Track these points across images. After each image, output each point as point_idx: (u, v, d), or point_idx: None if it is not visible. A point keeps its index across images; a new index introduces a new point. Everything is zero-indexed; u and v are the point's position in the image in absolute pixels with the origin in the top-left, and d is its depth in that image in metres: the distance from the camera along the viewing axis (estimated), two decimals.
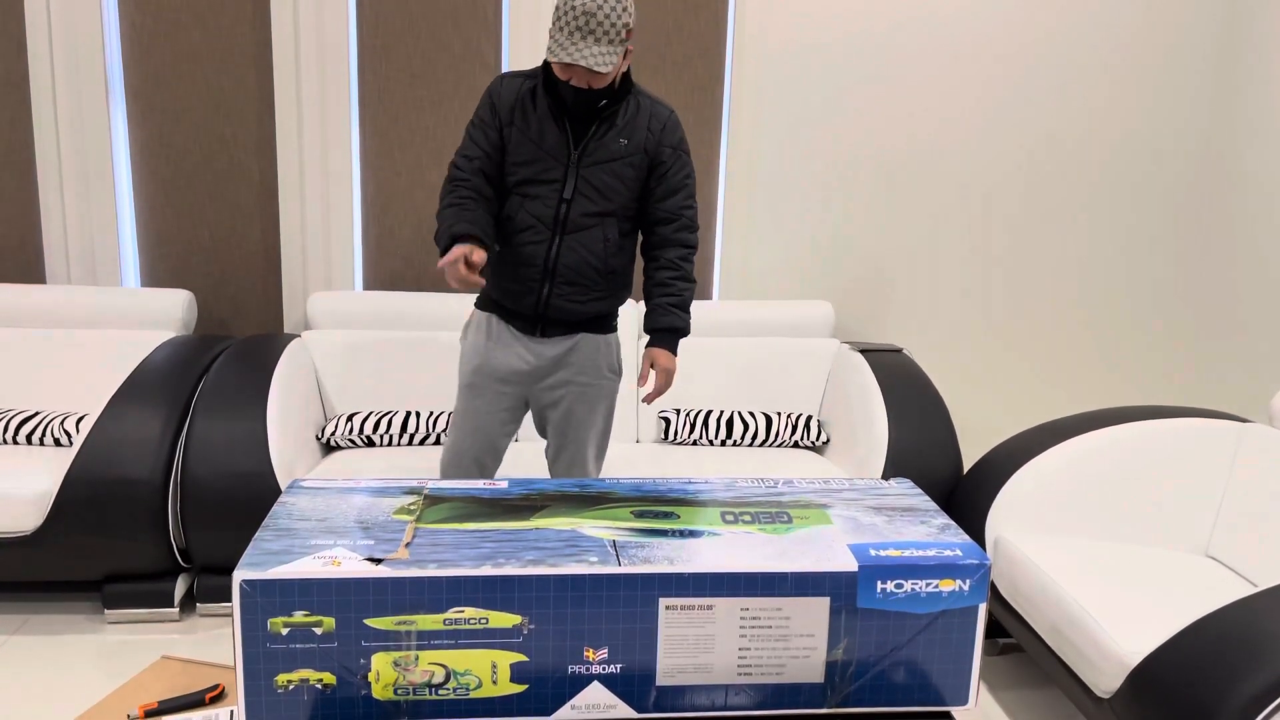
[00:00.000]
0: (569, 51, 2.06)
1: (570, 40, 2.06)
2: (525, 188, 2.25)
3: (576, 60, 2.05)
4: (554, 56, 2.07)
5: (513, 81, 2.26)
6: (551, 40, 2.10)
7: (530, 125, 2.23)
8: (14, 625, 2.71)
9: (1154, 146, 3.69)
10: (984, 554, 1.22)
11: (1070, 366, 3.84)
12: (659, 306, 2.34)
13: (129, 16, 3.31)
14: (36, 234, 3.41)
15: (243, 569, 1.15)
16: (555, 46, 2.08)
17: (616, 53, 2.10)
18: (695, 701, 1.23)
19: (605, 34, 2.07)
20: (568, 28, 2.07)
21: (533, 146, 2.23)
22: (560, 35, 2.08)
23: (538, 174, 2.23)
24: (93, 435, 2.66)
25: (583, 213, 2.25)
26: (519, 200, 2.26)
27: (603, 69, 2.07)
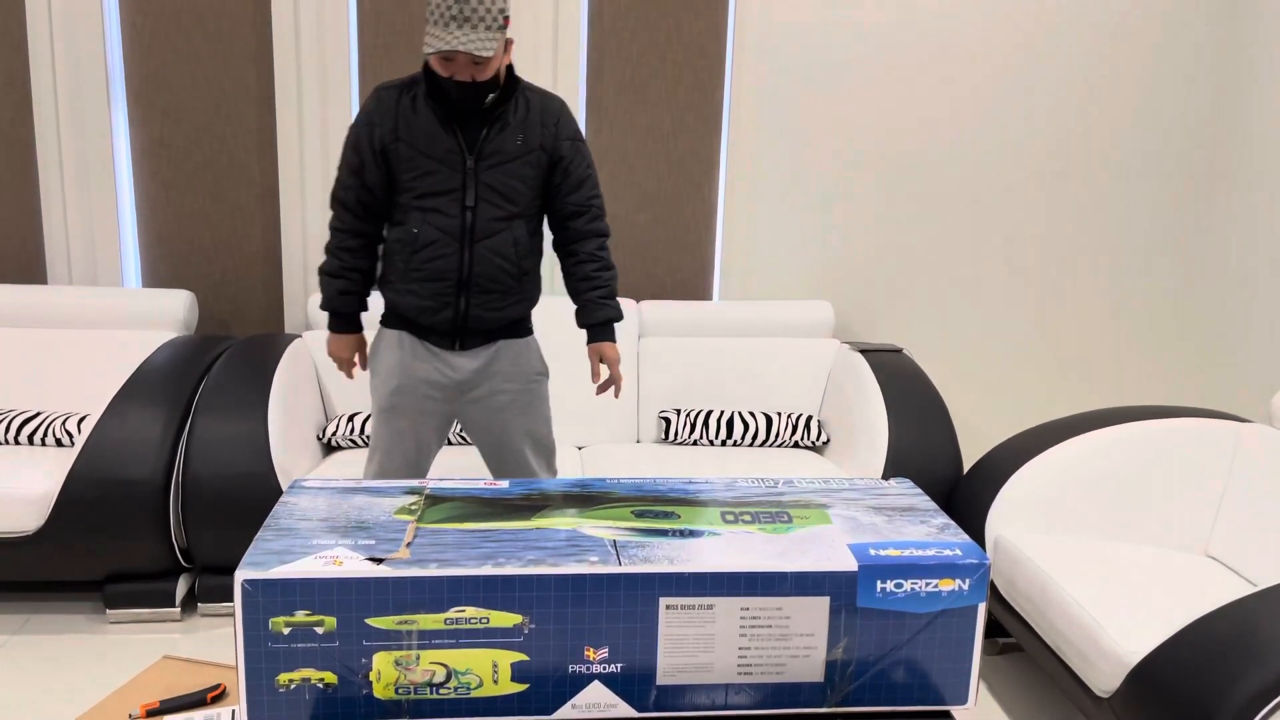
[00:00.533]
0: (446, 39, 2.00)
1: (447, 30, 2.01)
2: (425, 201, 2.17)
3: (455, 47, 1.99)
4: (430, 47, 2.01)
5: (389, 94, 2.18)
6: (427, 34, 2.04)
7: (418, 136, 2.15)
8: (16, 625, 2.72)
9: (1155, 146, 3.69)
10: (983, 553, 1.23)
11: (1070, 366, 3.84)
12: (590, 301, 2.30)
13: (130, 18, 3.32)
14: (38, 234, 3.41)
15: (244, 569, 1.15)
16: (431, 38, 2.02)
17: (496, 39, 2.04)
18: (695, 701, 1.23)
19: (482, 19, 2.01)
20: (443, 19, 2.01)
21: (425, 158, 2.15)
22: (436, 28, 2.02)
23: (435, 185, 2.16)
24: (94, 435, 2.67)
25: (489, 218, 2.19)
26: (420, 215, 2.18)
27: (485, 53, 2.01)
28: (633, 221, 3.57)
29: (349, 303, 2.29)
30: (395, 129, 2.15)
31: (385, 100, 2.17)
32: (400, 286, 2.24)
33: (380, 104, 2.17)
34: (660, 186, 3.56)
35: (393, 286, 2.26)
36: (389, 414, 2.30)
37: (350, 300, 2.29)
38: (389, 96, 2.17)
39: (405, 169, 2.16)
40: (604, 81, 3.47)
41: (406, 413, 2.30)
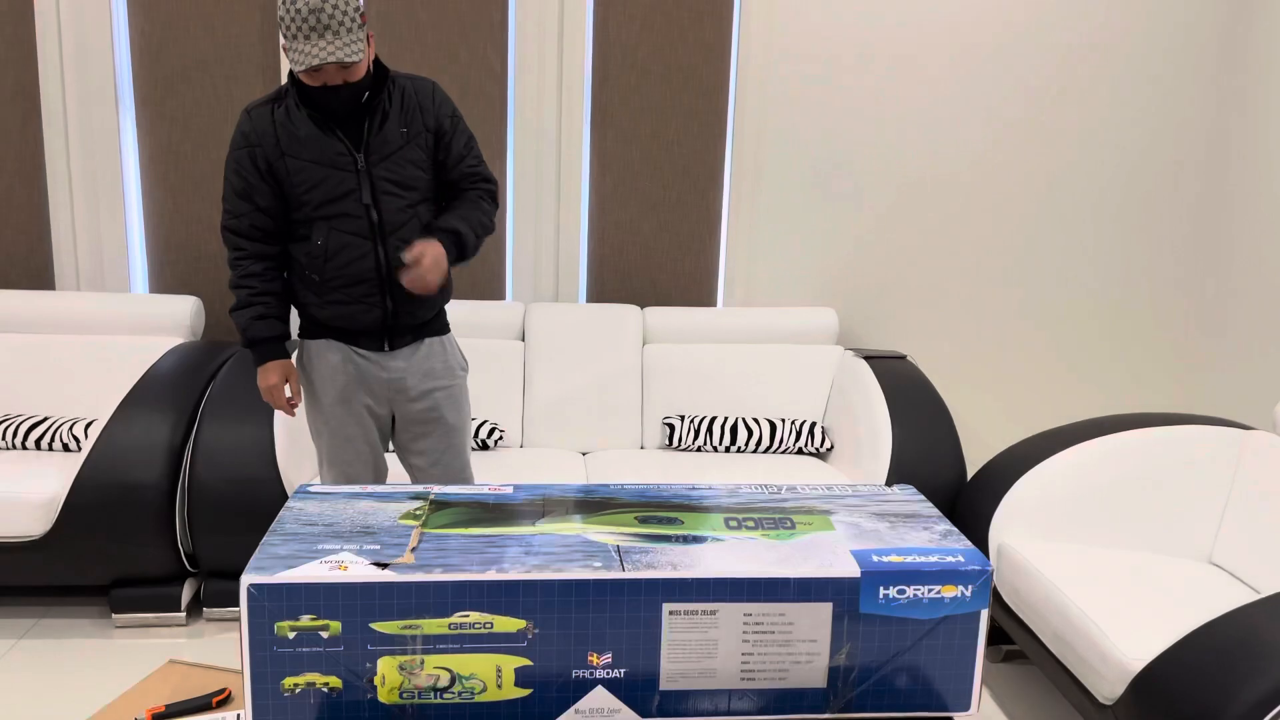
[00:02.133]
0: (312, 53, 1.97)
1: (308, 43, 1.97)
2: (325, 209, 2.14)
3: (324, 60, 1.96)
4: (298, 65, 1.98)
5: (262, 113, 2.13)
6: (289, 51, 2.00)
7: (303, 148, 2.11)
8: (23, 629, 2.73)
9: (1159, 154, 3.69)
10: (986, 560, 1.23)
11: (1074, 373, 3.84)
12: (450, 210, 2.23)
13: (138, 25, 3.34)
14: (46, 241, 3.43)
15: (250, 573, 1.16)
16: (296, 54, 1.98)
17: (360, 39, 2.01)
18: (699, 706, 1.23)
19: (341, 24, 1.98)
20: (300, 32, 1.97)
21: (315, 167, 2.12)
22: (296, 41, 1.98)
23: (331, 191, 2.13)
24: (101, 440, 2.68)
25: (394, 209, 2.17)
26: (324, 224, 2.15)
27: (353, 59, 1.98)
28: (637, 228, 3.58)
29: (269, 326, 2.21)
30: (278, 145, 2.12)
31: (259, 119, 2.12)
32: (320, 300, 2.21)
33: (255, 124, 2.12)
34: (664, 193, 3.57)
35: (312, 303, 2.22)
36: (332, 426, 2.26)
37: (270, 324, 2.21)
38: (262, 115, 2.12)
39: (297, 182, 2.13)
40: (609, 89, 3.48)
41: (348, 421, 2.26)
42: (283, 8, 1.98)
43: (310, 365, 2.27)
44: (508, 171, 3.52)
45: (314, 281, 2.19)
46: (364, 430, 2.28)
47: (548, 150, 3.49)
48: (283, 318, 2.24)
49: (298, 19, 1.95)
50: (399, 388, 2.28)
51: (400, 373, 2.27)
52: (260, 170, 2.13)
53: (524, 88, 3.44)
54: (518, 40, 3.41)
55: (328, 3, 1.95)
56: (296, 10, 1.95)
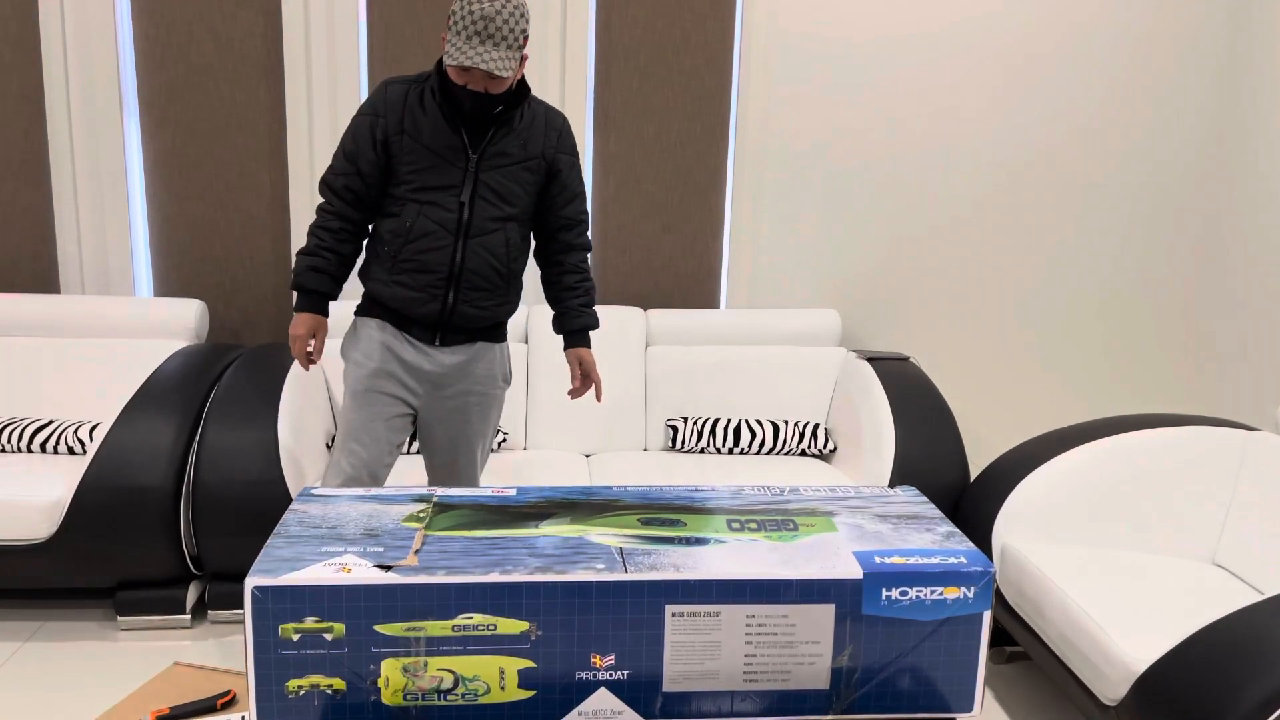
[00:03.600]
0: (468, 55, 2.04)
1: (469, 44, 2.04)
2: (422, 194, 2.21)
3: (477, 63, 2.04)
4: (453, 60, 2.05)
5: (398, 88, 2.21)
6: (449, 44, 2.07)
7: (423, 131, 2.19)
8: (27, 632, 2.74)
9: (1162, 154, 3.69)
10: (988, 561, 1.23)
11: (1077, 375, 3.84)
12: (572, 309, 2.37)
13: (142, 29, 3.35)
14: (51, 244, 3.44)
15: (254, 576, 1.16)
16: (454, 50, 2.06)
17: (515, 58, 2.09)
18: (701, 708, 1.24)
19: (505, 38, 2.06)
20: (466, 32, 2.04)
21: (427, 152, 2.19)
22: (459, 40, 2.06)
23: (434, 180, 2.20)
24: (106, 444, 2.68)
25: (485, 216, 2.23)
26: (416, 207, 2.21)
27: (504, 73, 2.06)
28: (640, 230, 3.59)
29: (319, 280, 2.27)
30: (401, 122, 2.19)
31: (393, 94, 2.20)
32: (388, 278, 2.26)
33: (387, 97, 2.20)
34: (667, 195, 3.57)
35: (379, 279, 2.28)
36: (365, 399, 2.29)
37: (321, 279, 2.27)
38: (397, 91, 2.20)
39: (406, 162, 2.19)
40: (611, 91, 3.48)
41: (382, 398, 2.29)
42: (459, 5, 2.06)
43: (358, 339, 2.32)
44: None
45: (388, 259, 2.24)
46: (387, 417, 2.30)
47: None
48: (337, 278, 2.29)
49: (469, 19, 2.03)
50: (438, 382, 2.32)
51: (445, 367, 2.31)
52: (375, 139, 2.20)
53: None
54: None
55: (501, 15, 2.03)
56: (470, 11, 2.03)
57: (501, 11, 2.04)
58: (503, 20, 2.04)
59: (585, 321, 2.38)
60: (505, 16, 2.05)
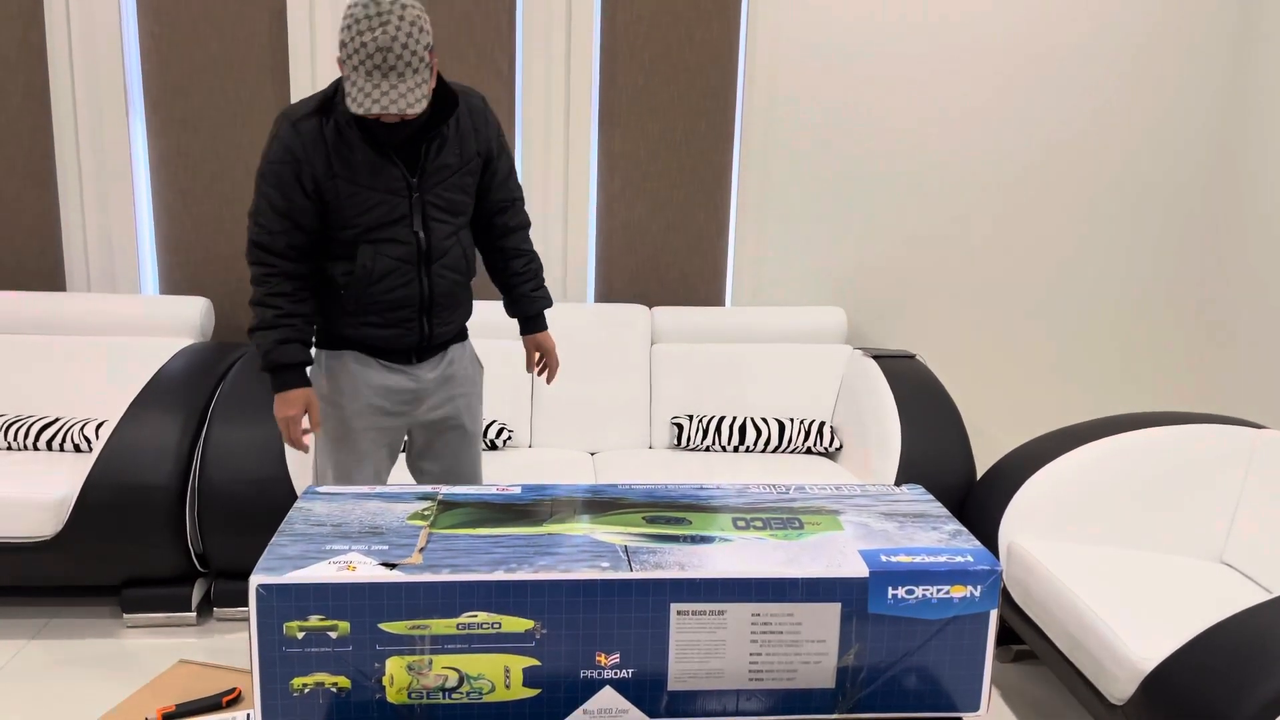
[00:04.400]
0: (372, 100, 1.82)
1: (370, 82, 1.82)
2: (374, 234, 2.04)
3: (386, 110, 1.82)
4: (358, 108, 1.82)
5: (309, 125, 1.95)
6: (347, 83, 1.83)
7: (357, 171, 1.98)
8: (34, 629, 2.74)
9: (1170, 151, 3.68)
10: (995, 560, 1.23)
11: (1084, 372, 3.83)
12: (525, 296, 2.28)
13: (148, 27, 3.35)
14: (57, 242, 3.45)
15: (259, 574, 1.16)
16: (357, 94, 1.82)
17: (425, 84, 1.86)
18: (707, 706, 1.23)
19: (408, 65, 1.82)
20: (363, 68, 1.81)
21: (368, 191, 2.00)
22: (357, 78, 1.82)
23: (383, 217, 2.03)
24: (112, 441, 2.69)
25: (441, 236, 2.10)
26: (370, 248, 2.04)
27: (416, 109, 1.84)
28: (645, 228, 3.58)
29: (292, 351, 2.04)
30: (329, 166, 1.97)
31: (306, 134, 1.95)
32: (355, 321, 2.12)
33: (302, 138, 1.95)
34: (673, 193, 3.56)
35: (344, 322, 2.13)
36: (352, 439, 2.16)
37: (294, 349, 2.05)
38: (309, 129, 1.95)
39: (348, 206, 2.00)
40: (616, 88, 3.48)
41: (369, 434, 2.17)
42: (346, 35, 1.81)
43: (329, 375, 2.16)
44: (516, 171, 3.52)
45: (352, 302, 2.09)
46: (381, 445, 2.21)
47: (555, 150, 3.49)
48: (308, 342, 2.09)
49: (362, 54, 1.80)
50: (421, 396, 2.22)
51: (426, 381, 2.21)
52: (306, 190, 1.98)
53: (531, 88, 3.44)
54: (525, 40, 3.41)
55: (397, 42, 1.80)
56: (362, 44, 1.80)
57: (398, 37, 1.80)
58: (401, 46, 1.80)
59: (540, 305, 2.30)
60: (404, 40, 1.80)
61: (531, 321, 2.32)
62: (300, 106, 1.98)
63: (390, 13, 1.80)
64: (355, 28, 1.80)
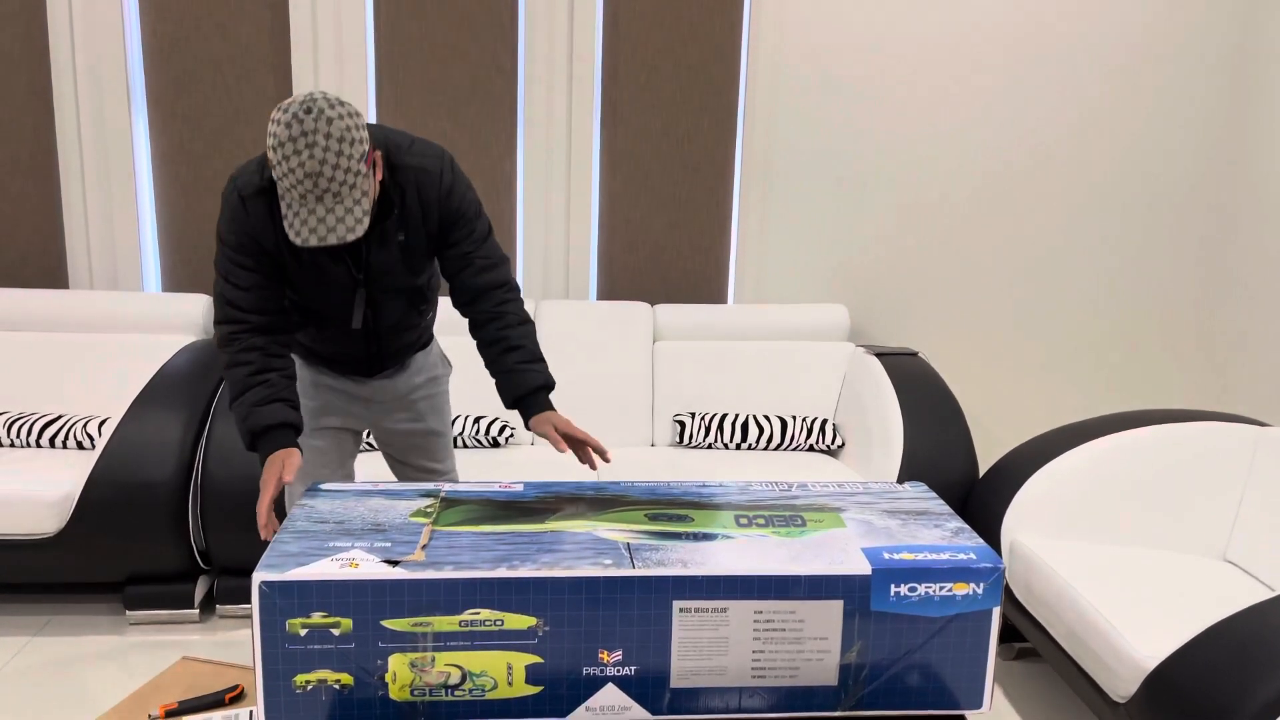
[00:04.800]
0: (311, 227, 1.63)
1: (305, 208, 1.63)
2: (316, 314, 1.95)
3: (324, 241, 1.64)
4: (297, 238, 1.65)
5: (257, 206, 1.79)
6: (284, 206, 1.65)
7: (304, 265, 1.85)
8: (37, 626, 2.75)
9: (1171, 149, 3.67)
10: (998, 558, 1.23)
11: (1087, 370, 3.82)
12: (516, 371, 1.89)
13: (150, 25, 3.35)
14: (59, 239, 3.45)
15: (262, 571, 1.16)
16: (294, 221, 1.64)
17: (365, 196, 1.66)
18: (709, 704, 1.23)
19: (343, 184, 1.63)
20: (294, 192, 1.62)
21: (315, 286, 1.89)
22: (291, 201, 1.63)
23: (325, 305, 1.93)
24: (114, 438, 2.69)
25: (390, 309, 1.98)
26: (314, 330, 1.98)
27: (355, 235, 1.65)
28: (647, 225, 3.58)
29: (274, 412, 1.79)
30: (277, 244, 1.83)
31: (255, 214, 1.80)
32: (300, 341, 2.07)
33: (251, 218, 1.80)
34: (675, 190, 3.56)
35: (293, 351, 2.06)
36: (309, 440, 2.09)
37: (277, 409, 1.79)
38: (258, 210, 1.80)
39: (295, 282, 1.89)
40: (619, 85, 3.48)
41: (325, 434, 2.11)
42: (273, 156, 1.61)
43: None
44: (517, 169, 3.52)
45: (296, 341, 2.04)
46: (338, 447, 2.16)
47: (557, 147, 3.49)
48: (293, 401, 1.84)
49: (290, 179, 1.61)
50: (378, 402, 2.15)
51: (382, 391, 2.14)
52: (269, 252, 1.85)
53: (533, 85, 3.44)
54: (527, 37, 3.41)
55: (327, 165, 1.60)
56: (289, 170, 1.60)
57: (326, 159, 1.60)
58: (332, 168, 1.60)
59: (536, 380, 1.88)
60: (333, 161, 1.61)
61: (525, 404, 1.88)
62: (252, 180, 1.80)
63: (315, 131, 1.59)
64: (280, 150, 1.60)
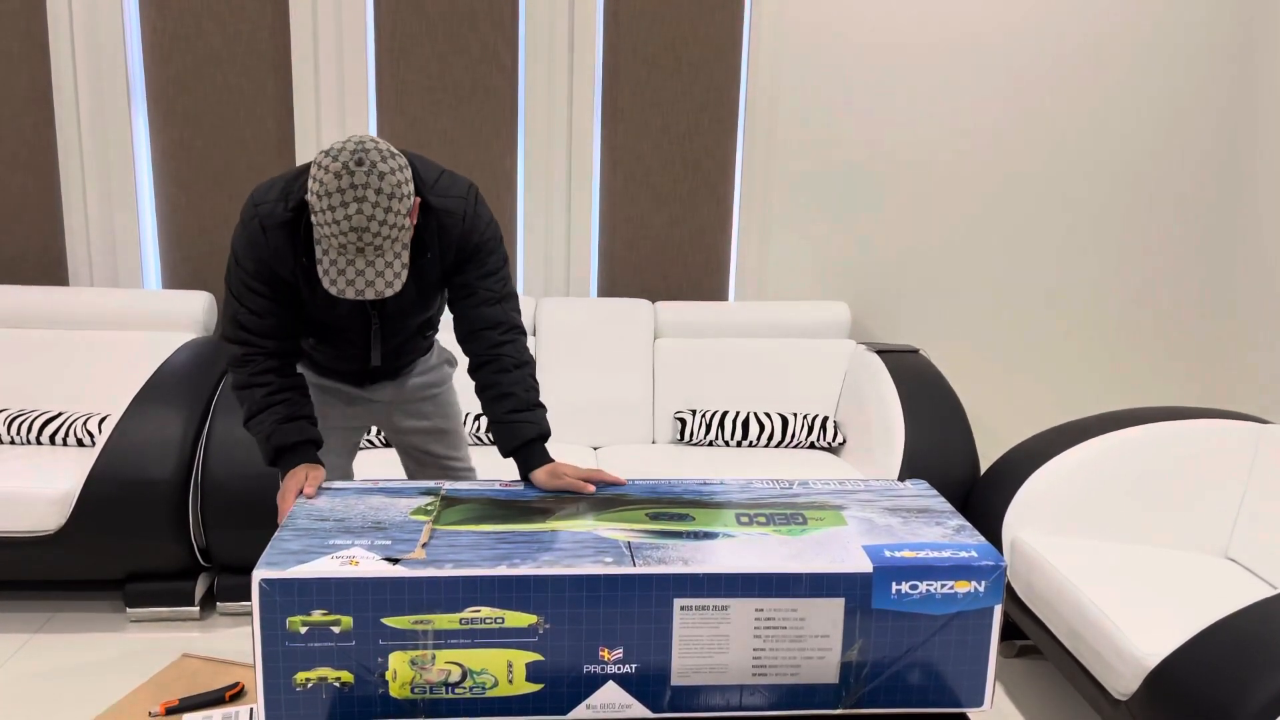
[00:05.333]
0: (349, 280, 1.60)
1: (345, 259, 1.59)
2: (323, 330, 1.92)
3: (362, 295, 1.61)
4: (333, 288, 1.61)
5: (278, 236, 1.74)
6: (320, 253, 1.61)
7: (317, 294, 1.82)
8: (37, 623, 2.75)
9: (1177, 145, 3.67)
10: (999, 555, 1.22)
11: (1088, 368, 3.82)
12: (505, 421, 1.79)
13: (150, 21, 3.35)
14: (59, 237, 3.45)
15: (262, 568, 1.16)
16: (331, 270, 1.60)
17: (405, 249, 1.63)
18: (710, 701, 1.23)
19: (387, 239, 1.59)
20: (335, 243, 1.58)
21: (324, 309, 1.85)
22: (330, 251, 1.60)
23: (334, 330, 1.91)
24: (114, 436, 2.69)
25: (396, 336, 1.97)
26: (325, 345, 1.96)
27: (395, 288, 1.63)
28: (648, 223, 3.58)
29: (298, 429, 1.79)
30: (294, 276, 1.80)
31: (275, 243, 1.76)
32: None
33: (271, 247, 1.76)
34: (675, 187, 3.56)
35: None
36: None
37: (300, 426, 1.80)
38: (278, 240, 1.75)
39: (308, 306, 1.87)
40: (619, 82, 3.47)
41: (329, 434, 2.11)
42: (317, 204, 1.56)
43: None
44: (518, 165, 3.51)
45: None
46: (340, 447, 2.16)
47: (558, 144, 3.49)
48: (313, 418, 1.84)
49: (333, 229, 1.56)
50: (380, 402, 2.14)
51: (382, 393, 2.12)
52: (285, 280, 1.82)
53: (534, 81, 3.44)
54: (528, 33, 3.41)
55: (374, 221, 1.56)
56: (334, 220, 1.55)
57: (374, 215, 1.55)
58: (379, 224, 1.56)
59: (528, 432, 1.76)
60: (381, 217, 1.56)
61: (520, 457, 1.76)
62: (276, 209, 1.74)
63: (366, 185, 1.55)
64: (326, 200, 1.55)
